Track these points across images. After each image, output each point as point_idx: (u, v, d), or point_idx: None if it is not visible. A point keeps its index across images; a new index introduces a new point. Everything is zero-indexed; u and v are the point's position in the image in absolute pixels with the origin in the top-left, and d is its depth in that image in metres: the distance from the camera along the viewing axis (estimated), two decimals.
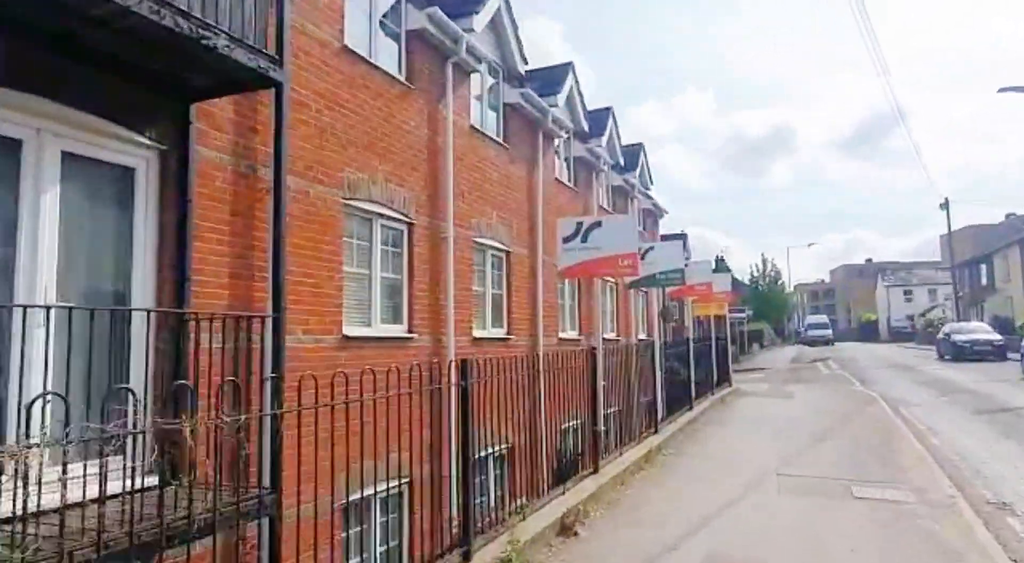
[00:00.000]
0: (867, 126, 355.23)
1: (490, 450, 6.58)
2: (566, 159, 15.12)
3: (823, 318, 71.27)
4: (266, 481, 4.58)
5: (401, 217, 8.40)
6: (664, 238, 29.51)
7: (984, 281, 49.03)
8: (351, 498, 5.05)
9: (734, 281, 61.02)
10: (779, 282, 62.92)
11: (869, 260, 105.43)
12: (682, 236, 44.72)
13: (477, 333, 10.14)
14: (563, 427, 9.48)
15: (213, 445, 3.77)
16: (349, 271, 7.43)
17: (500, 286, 11.30)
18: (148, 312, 4.51)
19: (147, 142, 4.96)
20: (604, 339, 15.36)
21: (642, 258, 13.55)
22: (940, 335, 32.85)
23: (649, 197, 20.61)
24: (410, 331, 8.47)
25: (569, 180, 14.96)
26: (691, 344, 14.18)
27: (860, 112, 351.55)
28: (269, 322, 5.36)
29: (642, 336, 18.83)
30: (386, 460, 4.90)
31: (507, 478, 7.92)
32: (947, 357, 30.91)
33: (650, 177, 20.46)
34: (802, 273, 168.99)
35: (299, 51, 6.68)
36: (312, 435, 4.53)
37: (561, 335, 13.60)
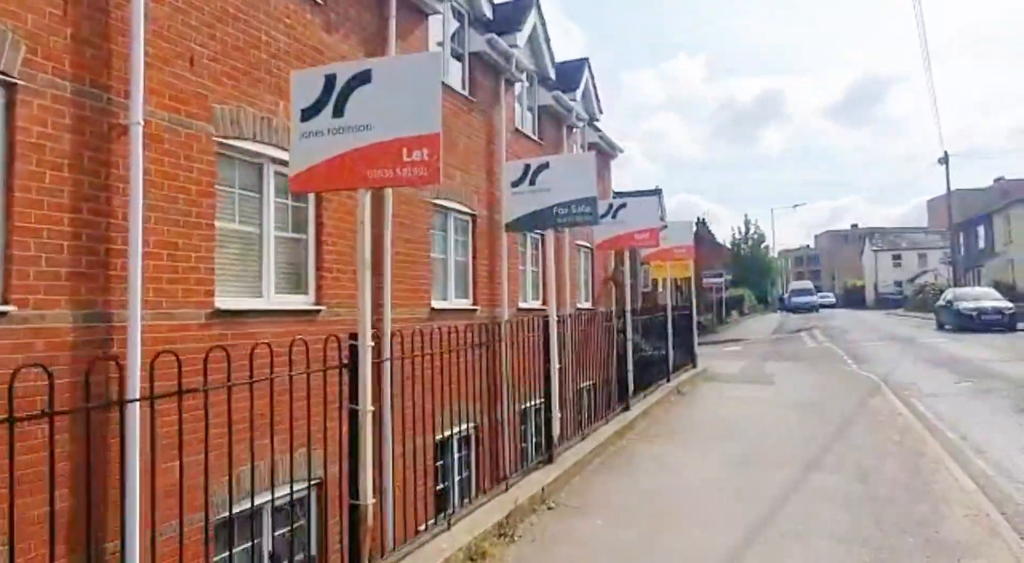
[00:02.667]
0: (858, 92, 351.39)
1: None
2: (530, 108, 13.32)
3: (807, 284, 67.67)
4: None
5: None
6: (640, 195, 25.58)
7: (982, 244, 45.38)
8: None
9: (710, 242, 57.45)
10: (763, 246, 59.03)
11: (855, 225, 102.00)
12: (657, 192, 40.72)
13: (437, 304, 9.29)
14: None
15: None
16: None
17: (465, 253, 10.37)
18: None
19: None
20: (520, 309, 11.30)
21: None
22: (941, 302, 29.08)
23: (596, 129, 16.32)
24: (319, 302, 6.93)
25: (535, 133, 13.15)
26: (628, 316, 10.07)
27: (851, 78, 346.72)
28: None
29: (583, 306, 14.75)
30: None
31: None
32: (948, 327, 27.21)
33: (598, 104, 16.15)
34: (787, 239, 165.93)
35: None
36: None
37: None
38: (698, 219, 62.58)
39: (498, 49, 10.81)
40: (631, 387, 9.97)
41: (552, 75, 13.55)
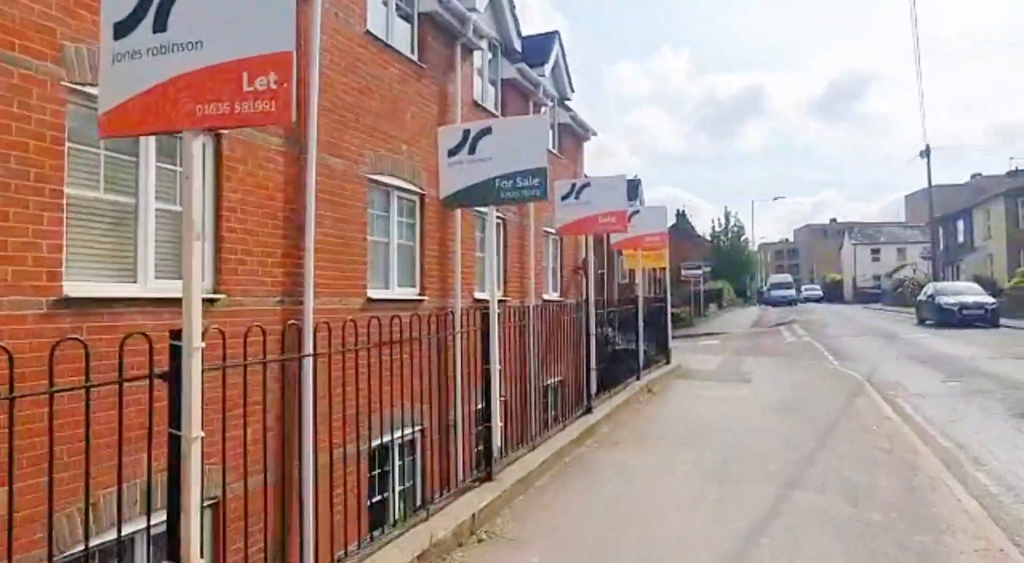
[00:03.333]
0: (838, 90, 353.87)
1: None
2: (492, 82, 12.18)
3: (787, 278, 67.39)
4: None
5: None
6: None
7: (961, 238, 45.11)
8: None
9: (689, 234, 56.86)
10: (743, 238, 58.51)
11: (833, 220, 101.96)
12: (636, 182, 39.88)
13: (376, 293, 8.30)
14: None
15: None
16: None
17: (412, 236, 9.34)
18: None
19: None
20: (477, 300, 10.28)
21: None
22: (922, 296, 28.50)
23: (568, 108, 15.28)
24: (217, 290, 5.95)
25: (497, 108, 11.95)
26: (589, 308, 9.07)
27: (832, 76, 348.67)
28: None
29: (551, 297, 13.75)
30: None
31: None
32: (929, 322, 26.62)
33: (569, 82, 15.11)
34: (767, 233, 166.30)
35: None
36: None
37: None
38: (678, 211, 61.99)
39: (452, 10, 9.73)
40: (594, 387, 8.99)
41: (517, 46, 12.53)
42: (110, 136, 3.41)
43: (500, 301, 11.57)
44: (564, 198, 9.77)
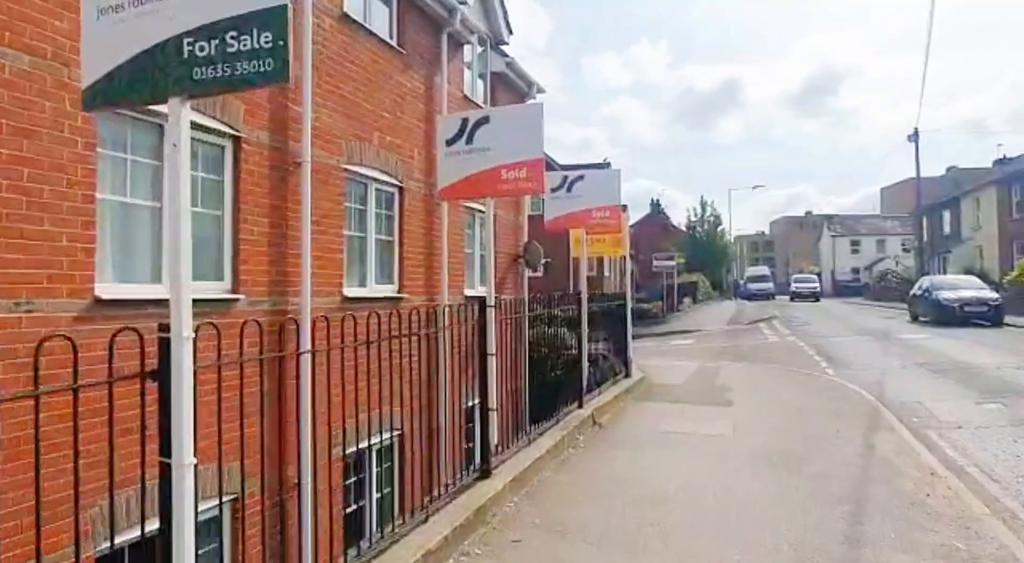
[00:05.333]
0: (814, 83, 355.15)
1: None
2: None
3: (764, 270, 64.84)
4: None
5: None
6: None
7: (947, 229, 42.72)
8: None
9: (664, 224, 53.96)
10: (719, 229, 55.84)
11: (809, 212, 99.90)
12: (606, 167, 36.92)
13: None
14: None
15: None
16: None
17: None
18: None
19: None
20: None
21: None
22: (916, 291, 25.81)
23: (503, 54, 12.06)
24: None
25: (392, 36, 8.80)
26: (487, 311, 5.79)
27: (808, 69, 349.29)
28: None
29: (474, 293, 10.55)
30: None
31: None
32: (924, 319, 23.96)
33: (506, 22, 11.90)
34: (742, 225, 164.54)
35: None
36: None
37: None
38: (653, 200, 59.21)
39: None
40: (493, 436, 5.83)
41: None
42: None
43: (393, 299, 8.46)
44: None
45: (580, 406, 8.52)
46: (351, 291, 7.33)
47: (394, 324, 4.52)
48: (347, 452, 4.94)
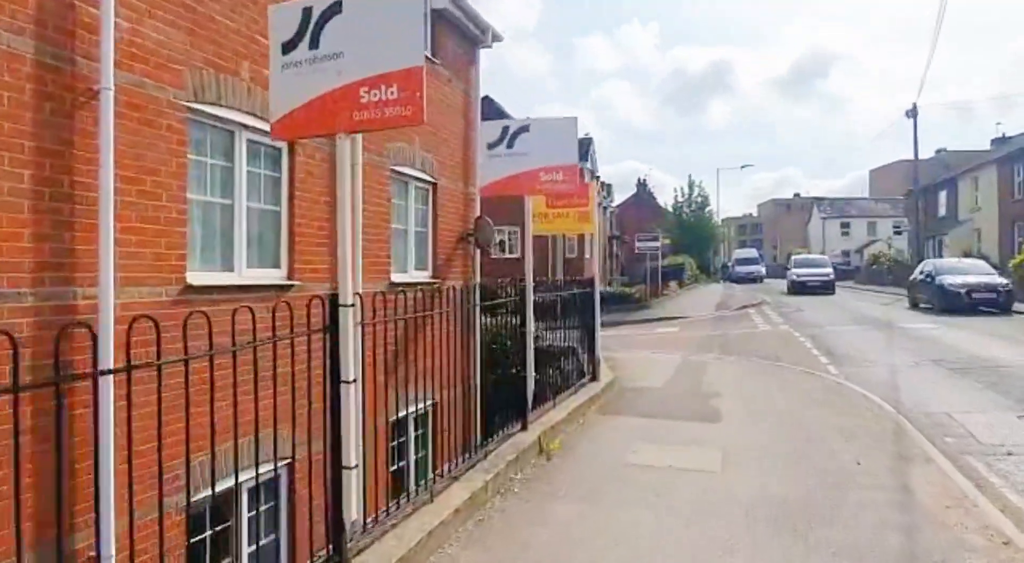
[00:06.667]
0: (803, 67, 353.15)
1: None
2: None
3: (752, 252, 63.03)
4: None
5: None
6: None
7: (943, 211, 41.04)
8: None
9: (651, 205, 51.96)
10: (707, 210, 54.02)
11: (797, 194, 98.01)
12: (587, 141, 34.83)
13: (397, 277, 7.97)
14: None
15: None
16: None
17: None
18: None
19: None
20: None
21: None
22: (917, 276, 24.01)
23: None
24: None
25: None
26: (340, 314, 3.82)
27: (799, 51, 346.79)
28: None
29: (406, 278, 8.53)
30: None
31: None
32: (926, 306, 22.23)
33: None
34: (730, 208, 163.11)
35: None
36: None
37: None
38: (639, 180, 57.17)
39: None
40: (353, 506, 3.86)
41: None
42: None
43: (279, 287, 6.45)
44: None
45: (523, 427, 6.55)
46: (198, 277, 5.27)
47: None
48: None
